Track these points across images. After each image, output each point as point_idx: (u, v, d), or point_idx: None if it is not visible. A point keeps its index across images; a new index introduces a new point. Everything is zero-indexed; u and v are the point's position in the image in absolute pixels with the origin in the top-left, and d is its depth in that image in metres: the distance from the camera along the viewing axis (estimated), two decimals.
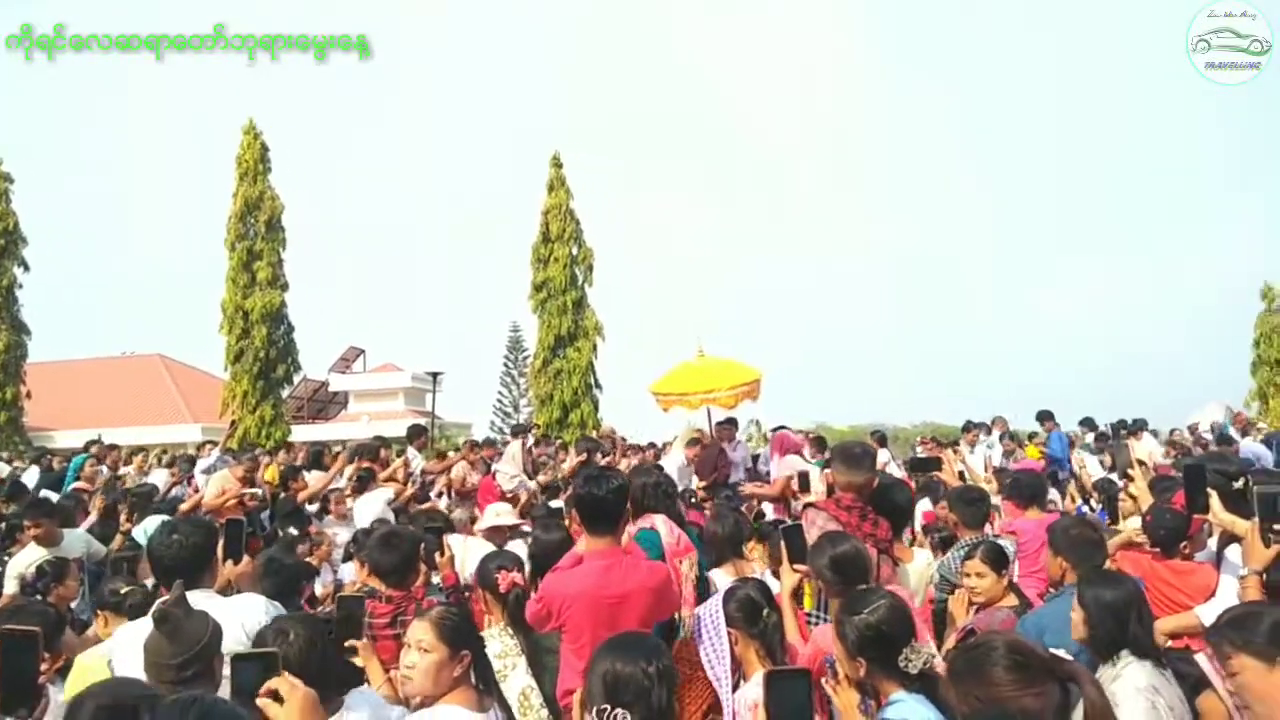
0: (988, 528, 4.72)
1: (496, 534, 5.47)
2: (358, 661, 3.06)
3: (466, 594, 4.03)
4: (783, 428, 11.20)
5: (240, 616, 3.00)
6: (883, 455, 11.14)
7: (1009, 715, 1.79)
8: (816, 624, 3.24)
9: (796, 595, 3.22)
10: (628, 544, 3.47)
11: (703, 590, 3.98)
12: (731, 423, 10.10)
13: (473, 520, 6.16)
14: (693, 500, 7.48)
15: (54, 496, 7.37)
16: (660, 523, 4.04)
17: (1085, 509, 7.28)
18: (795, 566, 3.19)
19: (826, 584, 2.97)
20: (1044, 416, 11.24)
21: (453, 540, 5.04)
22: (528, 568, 3.84)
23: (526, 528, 5.80)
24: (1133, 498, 5.40)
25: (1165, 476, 5.69)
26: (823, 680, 2.47)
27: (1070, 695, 1.84)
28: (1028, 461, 10.25)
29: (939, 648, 3.47)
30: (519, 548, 5.24)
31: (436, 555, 3.89)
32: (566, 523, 5.15)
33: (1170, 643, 3.49)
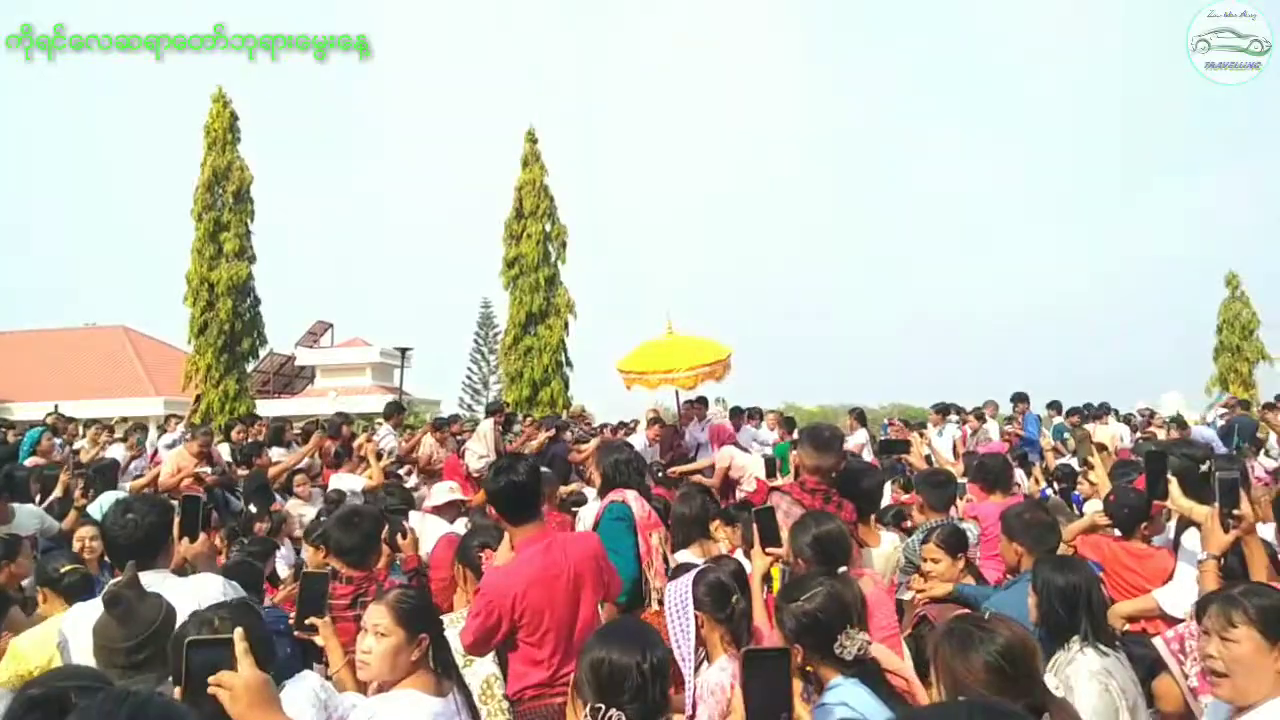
0: (953, 511, 4.75)
1: (448, 509, 5.42)
2: (318, 640, 3.00)
3: (426, 574, 3.99)
4: (739, 410, 11.20)
5: (197, 597, 2.93)
6: (861, 435, 11.16)
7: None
8: None
9: (766, 579, 3.21)
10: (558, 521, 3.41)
11: (668, 568, 4.01)
12: (701, 402, 10.03)
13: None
14: (660, 476, 7.51)
15: None
16: (632, 498, 4.08)
17: (1049, 492, 7.38)
18: (767, 550, 3.17)
19: (806, 563, 2.94)
20: (1018, 398, 11.37)
21: (411, 518, 4.99)
22: None
23: None
24: (1091, 484, 5.49)
25: (1126, 461, 5.78)
26: None
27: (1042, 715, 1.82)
28: (994, 444, 10.36)
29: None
30: (461, 527, 5.24)
31: (399, 538, 3.83)
32: None
33: (1128, 626, 3.55)
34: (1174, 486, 3.18)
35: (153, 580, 2.94)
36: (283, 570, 5.67)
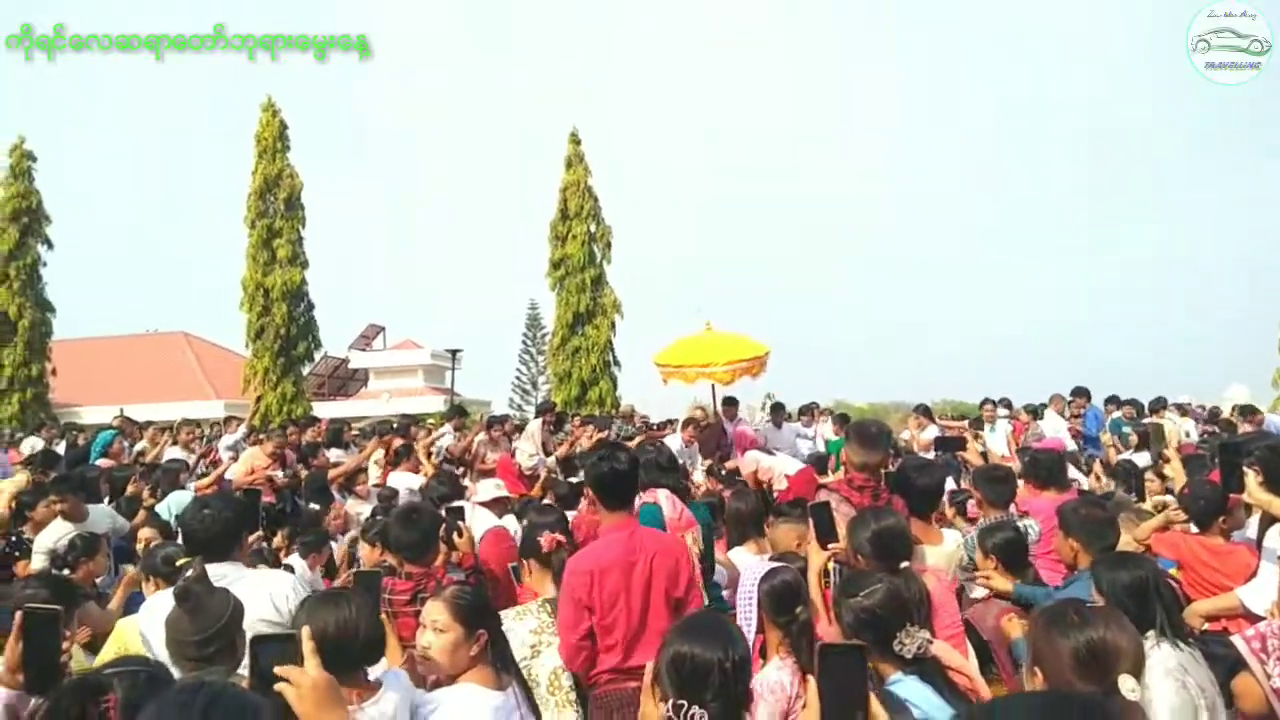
0: (1012, 507, 4.63)
1: (495, 505, 5.46)
2: None
3: (483, 571, 4.03)
4: (780, 407, 11.12)
5: (270, 590, 3.07)
6: (932, 431, 11.00)
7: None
8: None
9: (824, 575, 3.17)
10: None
11: (707, 567, 4.00)
12: (731, 402, 10.00)
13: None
14: (721, 474, 7.51)
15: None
16: (663, 498, 4.09)
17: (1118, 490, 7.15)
18: (826, 545, 3.13)
19: (866, 559, 2.90)
20: (1078, 393, 11.10)
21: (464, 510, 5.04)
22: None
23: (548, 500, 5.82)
24: (1162, 478, 5.31)
25: (1193, 456, 5.59)
26: None
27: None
28: (1049, 440, 10.11)
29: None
30: (511, 522, 5.27)
31: (455, 536, 3.87)
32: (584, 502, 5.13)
33: (1207, 625, 3.42)
34: (1251, 479, 3.05)
35: (228, 572, 3.07)
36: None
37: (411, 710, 2.41)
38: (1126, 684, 1.90)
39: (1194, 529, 3.85)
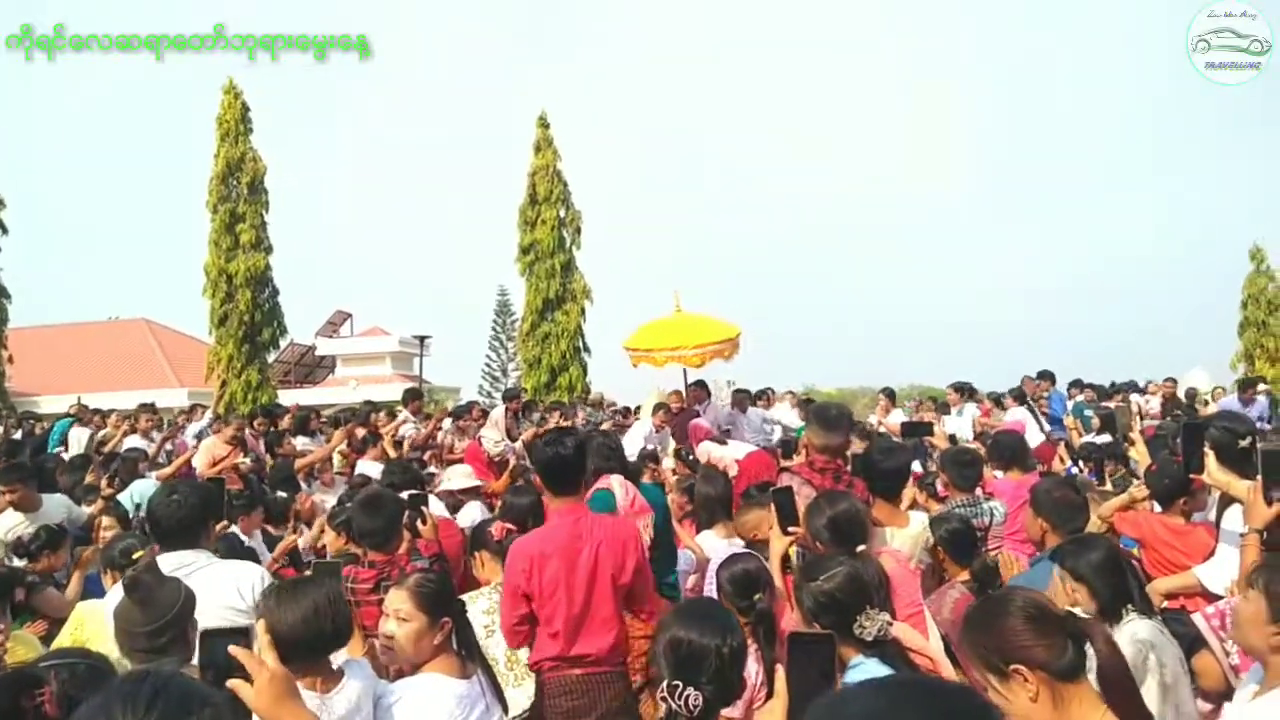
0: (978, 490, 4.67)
1: (469, 492, 5.41)
2: None
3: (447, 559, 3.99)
4: (745, 392, 11.13)
5: (236, 579, 3.03)
6: (898, 415, 11.03)
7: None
8: None
9: (785, 560, 3.16)
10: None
11: (665, 553, 4.00)
12: (700, 385, 9.94)
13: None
14: (688, 458, 7.51)
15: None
16: (616, 484, 4.07)
17: (1075, 470, 7.27)
18: (787, 530, 3.12)
19: (824, 545, 2.90)
20: (1043, 376, 11.25)
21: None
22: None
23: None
24: (1125, 460, 5.38)
25: (1156, 438, 5.68)
26: None
27: (1085, 655, 1.81)
28: (1010, 423, 10.23)
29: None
30: (475, 510, 5.24)
31: (419, 524, 3.82)
32: None
33: (1166, 603, 3.47)
34: (1210, 460, 3.09)
35: (195, 560, 3.03)
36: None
37: (374, 700, 2.37)
38: (1076, 611, 1.94)
39: (1157, 508, 3.90)
